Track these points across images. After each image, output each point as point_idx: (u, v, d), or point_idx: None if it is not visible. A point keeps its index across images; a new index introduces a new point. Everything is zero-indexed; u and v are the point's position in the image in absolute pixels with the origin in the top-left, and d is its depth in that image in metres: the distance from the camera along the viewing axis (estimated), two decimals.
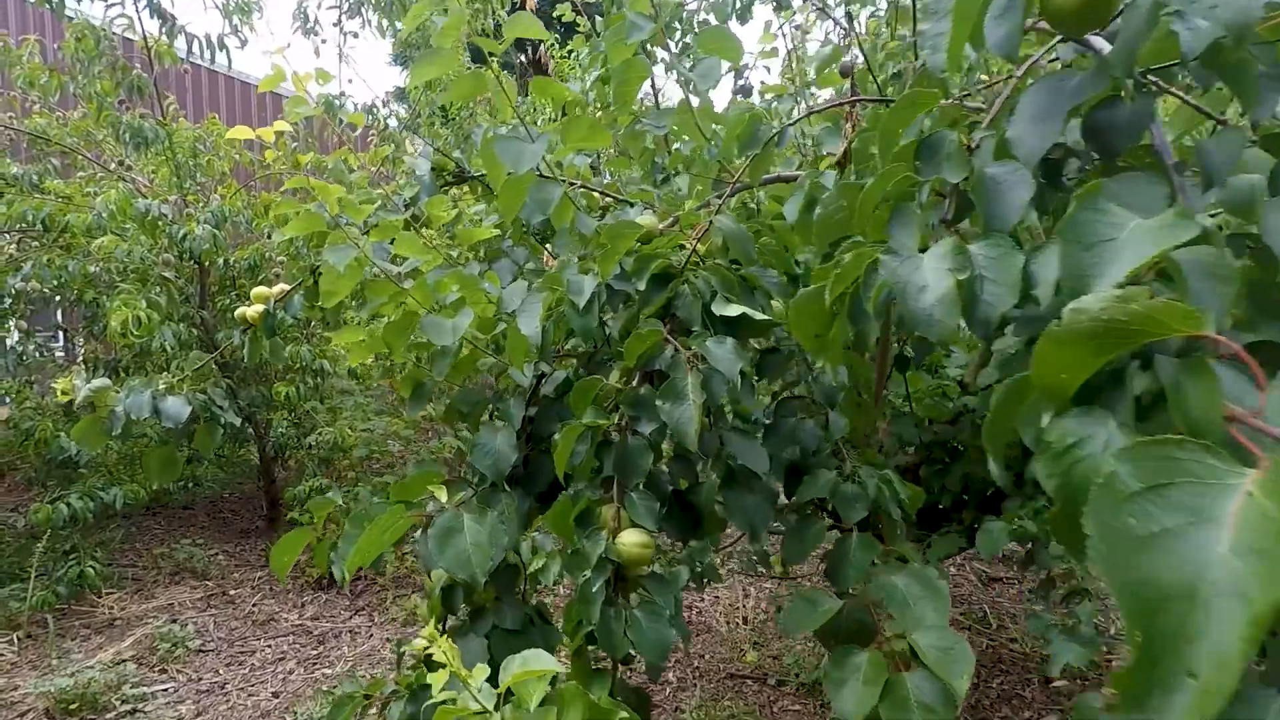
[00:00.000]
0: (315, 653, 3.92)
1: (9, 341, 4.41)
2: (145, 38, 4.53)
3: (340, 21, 5.95)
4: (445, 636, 1.10)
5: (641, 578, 1.40)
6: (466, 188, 2.38)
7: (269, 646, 3.98)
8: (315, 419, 5.52)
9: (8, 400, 4.84)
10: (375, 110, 5.66)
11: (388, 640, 4.05)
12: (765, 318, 1.43)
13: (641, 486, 1.43)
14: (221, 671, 3.73)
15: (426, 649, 1.08)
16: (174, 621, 4.19)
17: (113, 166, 4.51)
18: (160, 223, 3.72)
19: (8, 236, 4.75)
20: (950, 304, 0.84)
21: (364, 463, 5.38)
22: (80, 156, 5.00)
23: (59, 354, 5.61)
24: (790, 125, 1.57)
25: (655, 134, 2.00)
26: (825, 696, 3.25)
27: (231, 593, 4.72)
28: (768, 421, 1.68)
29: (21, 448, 5.56)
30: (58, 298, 4.41)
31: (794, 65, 2.80)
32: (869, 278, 0.95)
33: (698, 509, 1.60)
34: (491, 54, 1.49)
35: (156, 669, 3.72)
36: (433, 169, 1.91)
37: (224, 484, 7.39)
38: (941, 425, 2.73)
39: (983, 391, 2.40)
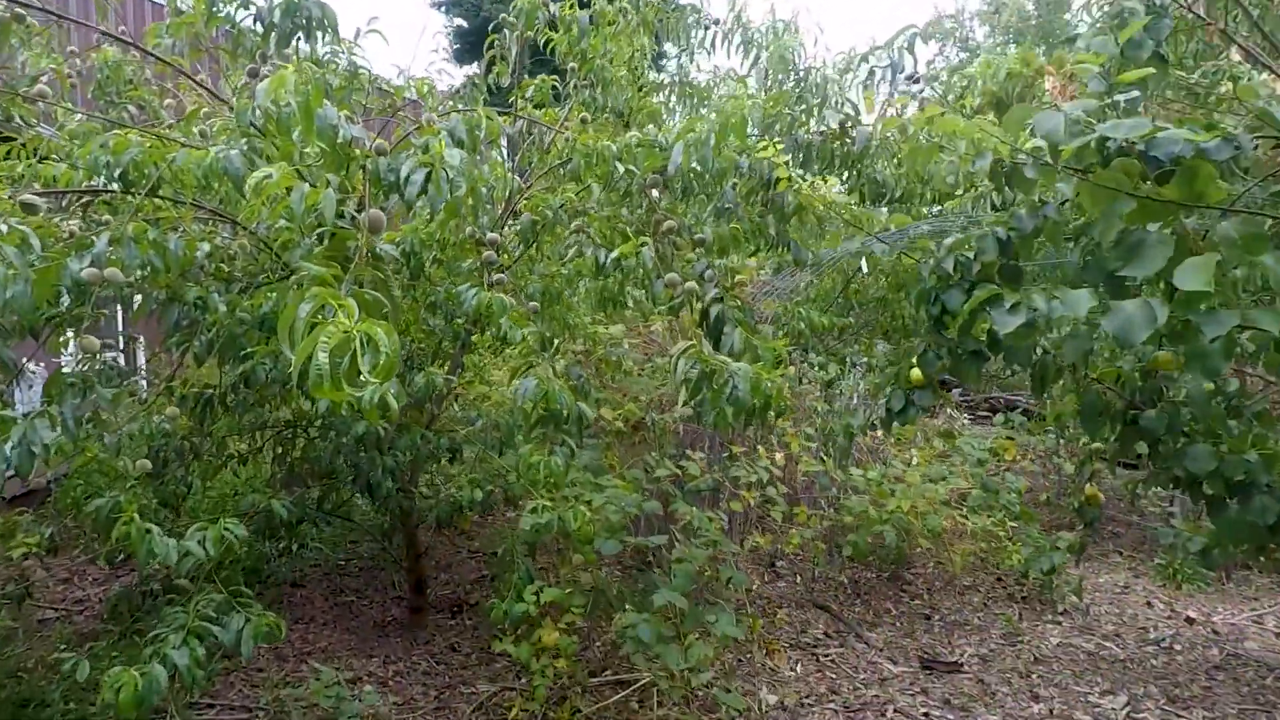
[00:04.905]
0: None
1: (71, 364, 2.66)
2: None
3: None
4: None
5: None
6: None
7: None
8: (509, 480, 3.72)
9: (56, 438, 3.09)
10: None
11: None
12: None
13: None
14: None
15: None
16: None
17: (249, 67, 2.73)
18: (359, 152, 1.93)
19: (70, 200, 3.04)
20: None
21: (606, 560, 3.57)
22: (179, 78, 3.28)
23: (142, 383, 3.89)
24: None
25: None
26: None
27: None
28: None
29: (76, 517, 3.90)
30: (156, 294, 2.67)
31: None
32: None
33: None
34: None
35: None
36: None
37: (333, 544, 5.62)
38: None
39: None
